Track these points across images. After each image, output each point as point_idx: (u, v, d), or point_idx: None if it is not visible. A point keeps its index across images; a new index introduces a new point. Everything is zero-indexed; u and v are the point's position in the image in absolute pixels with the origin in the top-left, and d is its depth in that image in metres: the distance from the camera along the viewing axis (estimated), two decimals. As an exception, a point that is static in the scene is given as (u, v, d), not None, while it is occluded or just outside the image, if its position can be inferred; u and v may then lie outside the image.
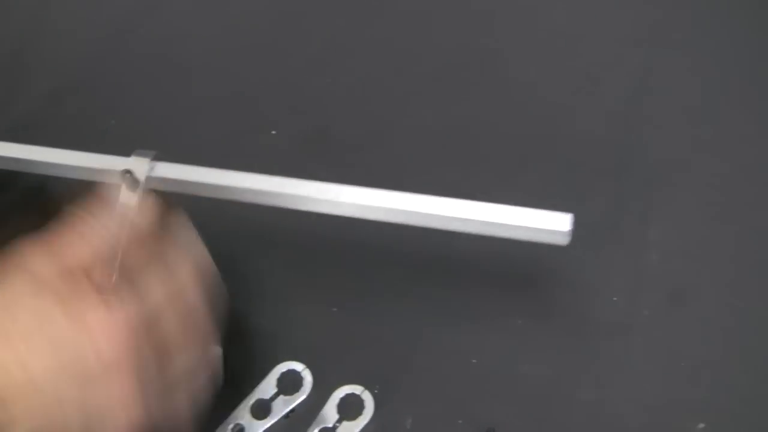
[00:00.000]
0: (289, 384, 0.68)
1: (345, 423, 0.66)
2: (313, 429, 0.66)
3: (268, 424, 0.66)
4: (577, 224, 0.71)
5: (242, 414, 0.66)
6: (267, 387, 0.68)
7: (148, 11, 0.92)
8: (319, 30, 0.89)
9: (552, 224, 0.62)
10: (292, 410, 0.67)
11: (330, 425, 0.66)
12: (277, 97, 0.85)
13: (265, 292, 0.75)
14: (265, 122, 0.83)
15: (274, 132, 0.83)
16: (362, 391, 0.67)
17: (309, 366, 0.69)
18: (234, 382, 0.66)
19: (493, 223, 0.63)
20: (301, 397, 0.68)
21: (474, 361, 0.70)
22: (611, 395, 0.68)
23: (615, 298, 0.72)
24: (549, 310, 0.72)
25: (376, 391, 0.68)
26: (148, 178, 0.68)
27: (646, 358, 0.69)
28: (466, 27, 0.87)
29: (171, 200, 0.61)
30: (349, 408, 0.67)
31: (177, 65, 0.88)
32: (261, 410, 0.67)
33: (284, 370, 0.69)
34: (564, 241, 0.63)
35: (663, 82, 0.81)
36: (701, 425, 0.66)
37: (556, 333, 0.71)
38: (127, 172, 0.67)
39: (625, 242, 0.74)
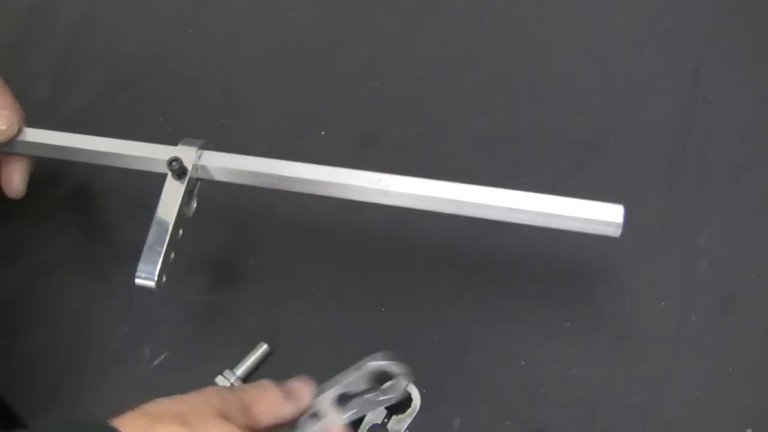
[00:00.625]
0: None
1: (394, 417, 0.67)
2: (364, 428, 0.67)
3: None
4: (628, 229, 0.71)
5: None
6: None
7: (199, 10, 0.92)
8: (371, 32, 0.89)
9: (605, 215, 0.63)
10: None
11: (379, 422, 0.67)
12: (327, 99, 0.85)
13: (315, 292, 0.75)
14: (314, 123, 0.84)
15: (323, 133, 0.83)
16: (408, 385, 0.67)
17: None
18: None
19: (547, 214, 0.64)
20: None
21: (523, 363, 0.71)
22: (659, 400, 0.68)
23: (663, 303, 0.72)
24: (598, 314, 0.72)
25: (425, 392, 0.69)
26: (195, 166, 0.69)
27: (694, 364, 0.70)
28: (520, 33, 0.87)
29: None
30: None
31: (227, 64, 0.89)
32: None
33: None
34: (616, 232, 0.63)
35: (716, 92, 0.81)
36: (749, 430, 0.66)
37: (605, 337, 0.71)
38: (174, 160, 0.68)
39: (675, 248, 0.74)
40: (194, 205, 0.70)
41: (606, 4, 0.88)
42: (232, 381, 0.70)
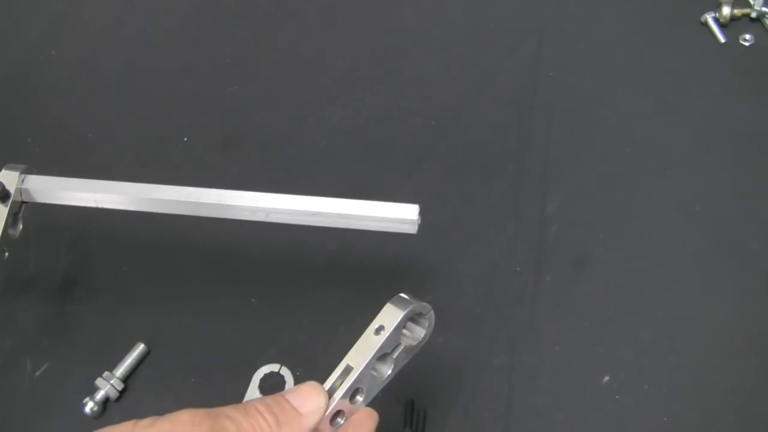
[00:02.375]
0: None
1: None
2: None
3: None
4: (481, 201, 0.75)
5: None
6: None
7: (61, 32, 0.94)
8: (228, 41, 0.92)
9: (402, 214, 0.65)
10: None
11: None
12: (189, 107, 0.88)
13: (188, 291, 0.77)
14: (177, 131, 0.86)
15: (186, 139, 0.85)
16: (280, 368, 0.70)
17: (236, 352, 0.72)
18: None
19: (347, 215, 0.65)
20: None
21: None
22: (522, 359, 0.72)
23: (518, 269, 0.76)
24: (458, 284, 0.76)
25: (298, 373, 0.71)
26: (18, 190, 0.70)
27: (551, 322, 0.73)
28: (368, 31, 0.91)
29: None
30: (271, 388, 0.70)
31: (91, 82, 0.91)
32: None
33: None
34: (413, 229, 0.65)
35: (557, 69, 0.86)
36: (606, 378, 0.70)
37: (467, 305, 0.75)
38: None
39: (527, 216, 0.78)
40: (20, 226, 0.71)
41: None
42: (111, 382, 0.71)
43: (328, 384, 0.53)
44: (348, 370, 0.54)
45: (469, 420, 0.69)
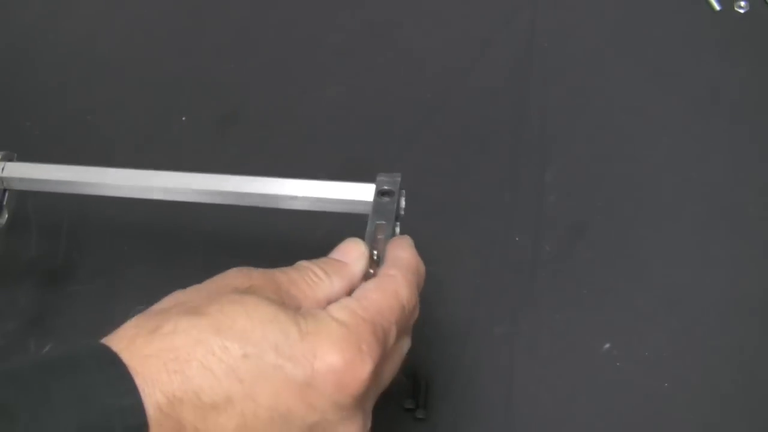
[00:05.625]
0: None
1: None
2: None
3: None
4: (479, 173, 0.75)
5: None
6: None
7: (55, 16, 0.94)
8: (221, 21, 0.92)
9: (359, 194, 0.64)
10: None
11: None
12: (186, 86, 0.88)
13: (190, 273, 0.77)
14: (175, 110, 0.86)
15: (184, 118, 0.86)
16: None
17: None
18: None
19: (315, 199, 0.65)
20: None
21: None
22: (523, 327, 0.72)
23: (518, 238, 0.76)
24: (457, 255, 0.76)
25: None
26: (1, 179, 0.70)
27: (551, 290, 0.74)
28: (362, 5, 0.91)
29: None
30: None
31: (88, 65, 0.91)
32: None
33: None
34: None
35: (551, 39, 0.86)
36: (606, 345, 0.70)
37: (466, 276, 0.75)
38: None
39: (524, 186, 0.79)
40: (6, 214, 0.71)
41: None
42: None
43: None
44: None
45: (472, 389, 0.70)
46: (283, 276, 0.52)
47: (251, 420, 0.45)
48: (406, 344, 0.56)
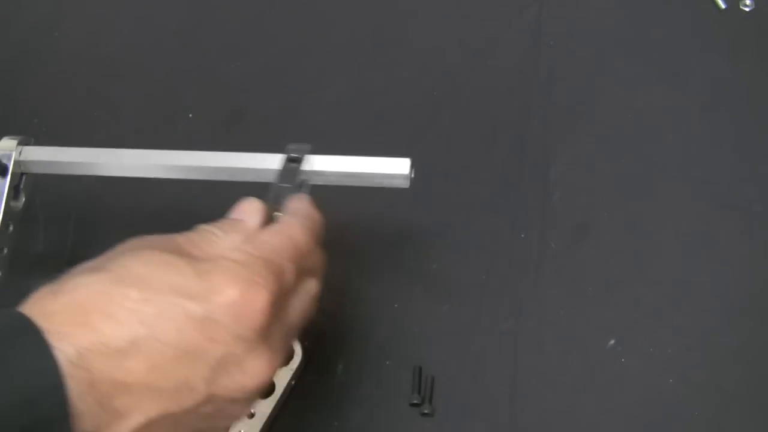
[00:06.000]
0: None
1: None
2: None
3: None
4: (483, 169, 0.75)
5: None
6: None
7: (62, 14, 0.94)
8: (227, 17, 0.92)
9: (394, 169, 0.66)
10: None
11: None
12: (192, 84, 0.88)
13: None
14: (182, 108, 0.87)
15: (190, 116, 0.86)
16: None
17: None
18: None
19: (340, 173, 0.68)
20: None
21: (396, 306, 0.74)
22: (527, 324, 0.72)
23: (523, 235, 0.76)
24: (462, 253, 0.76)
25: (306, 344, 0.72)
26: (17, 162, 0.71)
27: (556, 287, 0.74)
28: (369, 1, 0.92)
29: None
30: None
31: (94, 62, 0.91)
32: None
33: None
34: (405, 184, 0.66)
35: (557, 38, 0.86)
36: (611, 341, 0.71)
37: (471, 273, 0.75)
38: None
39: (529, 184, 0.79)
40: (23, 199, 0.71)
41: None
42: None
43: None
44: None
45: (477, 385, 0.70)
46: (182, 238, 0.54)
47: (158, 359, 0.47)
48: (312, 286, 0.58)
